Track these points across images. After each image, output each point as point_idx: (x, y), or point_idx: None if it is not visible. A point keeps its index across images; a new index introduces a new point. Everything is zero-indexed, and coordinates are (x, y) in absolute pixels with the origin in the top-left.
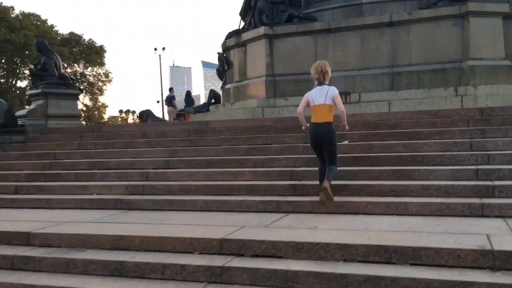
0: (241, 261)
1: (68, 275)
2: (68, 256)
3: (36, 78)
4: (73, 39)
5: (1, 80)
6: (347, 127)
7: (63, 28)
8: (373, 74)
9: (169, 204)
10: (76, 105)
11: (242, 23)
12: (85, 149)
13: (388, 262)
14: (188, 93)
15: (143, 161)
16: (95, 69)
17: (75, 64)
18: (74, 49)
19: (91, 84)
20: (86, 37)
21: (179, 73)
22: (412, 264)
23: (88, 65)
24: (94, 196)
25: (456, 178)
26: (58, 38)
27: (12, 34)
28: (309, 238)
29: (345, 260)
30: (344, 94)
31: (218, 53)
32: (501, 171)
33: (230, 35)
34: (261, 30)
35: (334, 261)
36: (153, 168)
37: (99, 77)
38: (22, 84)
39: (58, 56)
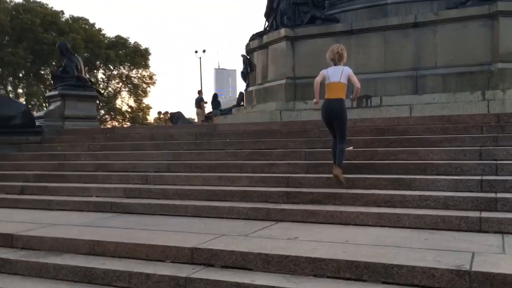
0: (208, 273)
1: (39, 279)
2: (42, 260)
3: (56, 80)
4: (119, 42)
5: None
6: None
7: (110, 31)
8: (396, 77)
9: (162, 209)
10: (94, 106)
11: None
12: (95, 150)
13: (359, 279)
14: (215, 96)
15: (146, 164)
16: (140, 71)
17: (120, 67)
18: (120, 52)
19: (135, 86)
20: (132, 40)
21: (224, 75)
22: (384, 283)
23: (133, 67)
24: (92, 199)
25: (459, 189)
26: (105, 41)
27: (61, 38)
28: (281, 250)
29: (315, 275)
30: (365, 98)
31: (242, 55)
32: (507, 182)
33: (253, 37)
34: (282, 31)
35: (304, 275)
36: (155, 171)
37: (144, 79)
38: None
39: (80, 59)
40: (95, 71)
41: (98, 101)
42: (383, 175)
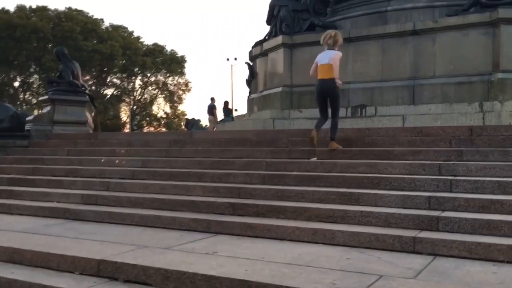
0: (107, 287)
1: None
2: None
3: (52, 85)
4: (156, 50)
5: (93, 88)
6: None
7: (148, 39)
8: (393, 87)
9: (110, 217)
10: (84, 111)
11: None
12: (72, 155)
13: None
14: (226, 103)
15: (114, 170)
16: (176, 78)
17: (157, 74)
18: (157, 59)
19: (171, 93)
20: (168, 48)
21: None
22: None
23: (169, 74)
24: (50, 204)
25: (406, 206)
26: (143, 48)
27: (100, 45)
28: (183, 266)
29: None
30: (359, 107)
31: (246, 63)
32: (456, 201)
33: (256, 44)
34: (280, 39)
35: None
36: (119, 178)
37: (179, 86)
38: (108, 91)
39: (76, 64)
40: (133, 77)
41: (94, 107)
42: (335, 188)
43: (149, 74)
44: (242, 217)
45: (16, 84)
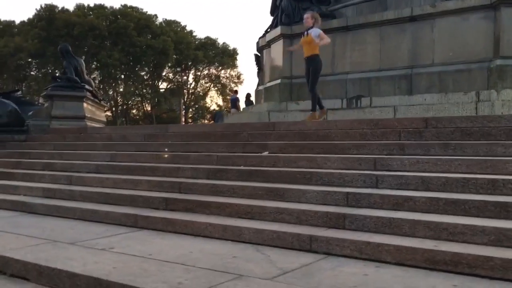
0: None
1: None
2: None
3: (54, 81)
4: (208, 43)
5: (149, 82)
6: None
7: (200, 32)
8: (390, 76)
9: (56, 210)
10: (82, 106)
11: None
12: (57, 149)
13: None
14: (248, 95)
15: (83, 164)
16: (228, 71)
17: (210, 67)
18: (210, 53)
19: (223, 86)
20: (220, 41)
21: None
22: None
23: (221, 67)
24: (15, 197)
25: (326, 202)
26: (196, 42)
27: (153, 40)
28: (58, 262)
29: None
30: (355, 99)
31: (254, 54)
32: (372, 197)
33: (263, 35)
34: (278, 30)
35: None
36: (86, 172)
37: (231, 79)
38: (162, 85)
39: (80, 60)
40: (186, 71)
41: (98, 101)
42: (267, 183)
43: (201, 68)
44: (171, 212)
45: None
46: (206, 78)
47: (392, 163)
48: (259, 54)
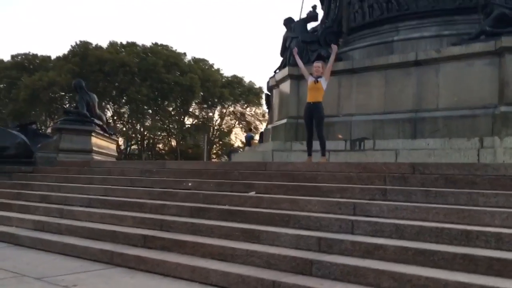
0: None
1: None
2: None
3: (65, 115)
4: (235, 81)
5: (176, 117)
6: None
7: (227, 71)
8: (395, 119)
9: (41, 244)
10: (89, 140)
11: None
12: (57, 182)
13: None
14: (261, 134)
15: (78, 198)
16: (253, 109)
17: (236, 104)
18: (236, 91)
19: (248, 123)
20: (247, 80)
21: None
22: None
23: (247, 105)
24: (5, 228)
25: (299, 246)
26: (223, 80)
27: (180, 77)
28: None
29: None
30: (359, 141)
31: (265, 93)
32: (343, 244)
33: (273, 75)
34: (286, 70)
35: None
36: (79, 206)
37: (256, 117)
38: (188, 121)
39: (92, 96)
40: (212, 108)
41: (109, 135)
42: (245, 224)
43: (227, 105)
44: (147, 250)
45: (109, 114)
46: (231, 115)
47: (371, 209)
48: (269, 94)
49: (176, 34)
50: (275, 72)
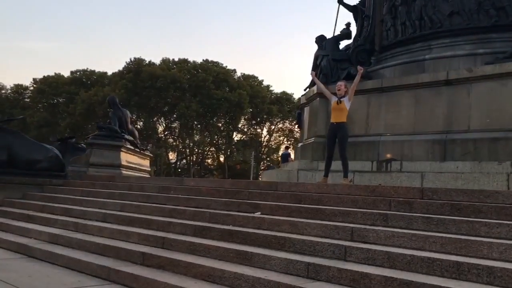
0: None
1: None
2: None
3: (99, 130)
4: (284, 98)
5: (224, 133)
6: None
7: (277, 88)
8: (424, 140)
9: (50, 257)
10: (119, 155)
11: None
12: (81, 196)
13: None
14: None
15: (95, 212)
16: None
17: (285, 121)
18: (286, 107)
19: (296, 140)
20: (296, 96)
21: None
22: None
23: (295, 122)
24: (23, 240)
25: (288, 271)
26: (271, 97)
27: (229, 93)
28: None
29: None
30: (386, 162)
31: (297, 112)
32: (330, 270)
33: (304, 94)
34: (315, 89)
35: None
36: (94, 220)
37: None
38: (237, 137)
39: (125, 111)
40: (261, 124)
41: (139, 150)
42: (242, 245)
43: (275, 121)
44: (144, 268)
45: (160, 129)
46: (279, 132)
47: (369, 235)
48: (300, 112)
49: (227, 51)
50: (305, 90)
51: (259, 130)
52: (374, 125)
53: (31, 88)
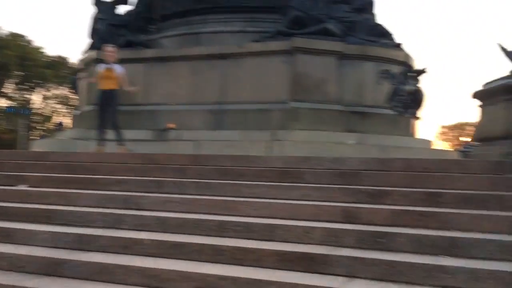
0: None
1: None
2: None
3: None
4: (59, 62)
5: None
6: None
7: (51, 51)
8: (201, 110)
9: None
10: None
11: None
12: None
13: None
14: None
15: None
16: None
17: (62, 86)
18: (61, 72)
19: (73, 107)
20: (73, 61)
21: None
22: None
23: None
24: None
25: (57, 245)
26: (45, 60)
27: None
28: None
29: None
30: (164, 131)
31: (72, 77)
32: (102, 239)
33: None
34: (94, 54)
35: None
36: None
37: None
38: (4, 103)
39: None
40: (34, 89)
41: None
42: (4, 222)
43: (50, 87)
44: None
45: None
46: (55, 99)
47: (143, 202)
48: (77, 77)
49: None
50: (83, 54)
51: (31, 96)
52: (153, 94)
53: None
